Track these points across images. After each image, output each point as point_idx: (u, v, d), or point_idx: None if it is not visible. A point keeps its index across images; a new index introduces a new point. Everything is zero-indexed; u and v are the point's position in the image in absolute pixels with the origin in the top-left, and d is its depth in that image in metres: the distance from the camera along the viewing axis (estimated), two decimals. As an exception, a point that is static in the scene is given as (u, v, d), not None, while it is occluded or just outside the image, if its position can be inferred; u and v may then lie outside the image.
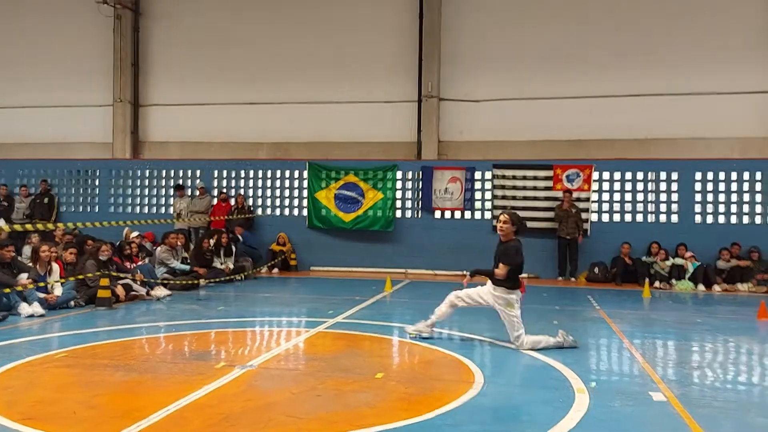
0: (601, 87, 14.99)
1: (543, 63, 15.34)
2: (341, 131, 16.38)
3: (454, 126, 15.94)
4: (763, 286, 12.50)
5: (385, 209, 15.33)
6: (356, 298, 10.43)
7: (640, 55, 14.84)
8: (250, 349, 6.67)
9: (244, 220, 15.16)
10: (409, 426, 4.15)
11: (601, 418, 4.40)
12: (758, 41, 14.43)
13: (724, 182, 13.95)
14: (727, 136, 14.43)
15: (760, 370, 6.26)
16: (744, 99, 14.40)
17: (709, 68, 14.49)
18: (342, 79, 16.40)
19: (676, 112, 14.59)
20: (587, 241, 14.10)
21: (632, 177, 14.38)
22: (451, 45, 15.86)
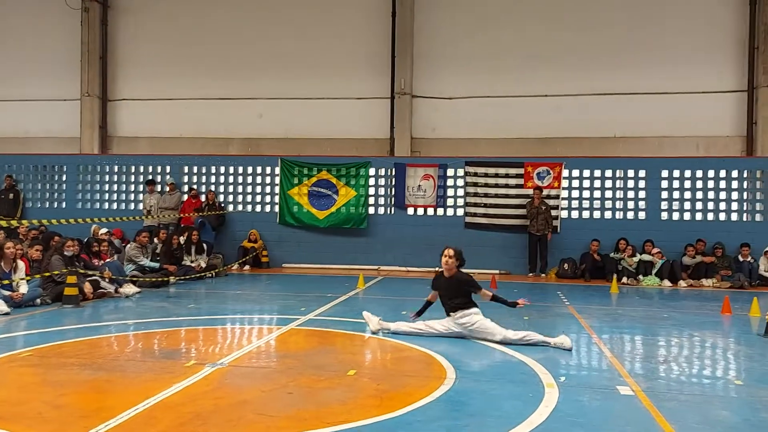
0: (570, 86, 15.21)
1: (514, 62, 15.50)
2: (314, 127, 16.34)
3: (426, 123, 16.01)
4: (726, 282, 12.80)
5: (358, 206, 15.33)
6: (328, 295, 10.41)
7: (608, 55, 15.08)
8: (220, 347, 6.61)
9: (214, 216, 15.02)
10: (381, 422, 4.16)
11: (570, 412, 4.46)
12: (723, 42, 14.77)
13: (689, 180, 14.26)
14: (692, 134, 14.76)
15: (723, 364, 6.42)
16: (709, 99, 14.74)
17: (675, 68, 14.80)
18: (314, 75, 16.35)
19: (643, 110, 14.87)
20: (557, 238, 14.29)
21: (601, 174, 14.62)
22: (424, 42, 15.92)
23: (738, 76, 14.71)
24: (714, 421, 4.38)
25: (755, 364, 6.28)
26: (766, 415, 4.52)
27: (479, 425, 4.14)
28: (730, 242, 13.42)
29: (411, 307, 9.50)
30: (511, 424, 4.12)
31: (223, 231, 15.48)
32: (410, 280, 13.38)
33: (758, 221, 13.99)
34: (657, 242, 13.50)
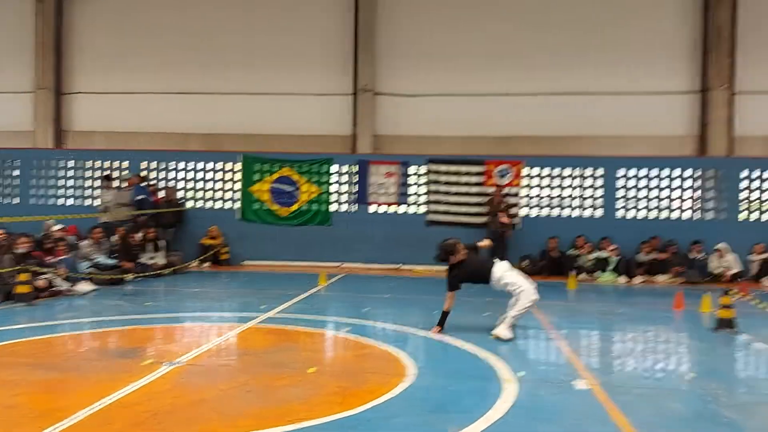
0: (531, 85, 15.39)
1: (477, 60, 15.62)
2: (276, 123, 16.18)
3: (389, 120, 16.03)
4: (679, 278, 13.16)
5: (321, 203, 15.27)
6: (289, 292, 10.34)
7: (567, 55, 15.32)
8: (178, 345, 6.51)
9: (174, 213, 14.78)
10: (341, 420, 4.16)
11: (527, 407, 4.54)
12: (678, 45, 15.16)
13: (644, 179, 14.60)
14: (647, 134, 15.11)
15: (676, 358, 6.61)
16: (663, 99, 15.12)
17: (632, 69, 15.12)
18: (277, 70, 16.20)
19: (600, 110, 15.16)
20: (517, 235, 14.47)
21: (560, 173, 14.86)
22: (387, 39, 15.92)
23: (692, 78, 15.11)
24: (666, 414, 4.51)
25: (705, 358, 6.49)
26: (715, 406, 4.68)
27: (439, 421, 4.18)
28: (683, 240, 13.80)
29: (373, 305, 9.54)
30: (471, 420, 4.17)
31: (181, 228, 15.23)
32: (372, 277, 13.39)
33: (709, 219, 14.41)
34: (613, 239, 13.79)
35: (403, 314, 8.67)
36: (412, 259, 14.72)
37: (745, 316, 8.29)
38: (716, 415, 4.47)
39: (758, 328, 7.83)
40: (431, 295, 10.53)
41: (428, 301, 9.86)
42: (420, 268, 14.48)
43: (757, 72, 14.74)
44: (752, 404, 4.79)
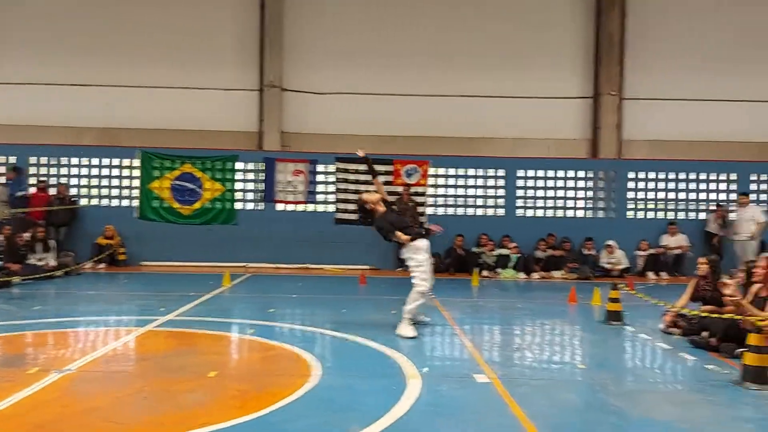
0: (437, 87, 15.70)
1: (386, 60, 15.74)
2: (177, 118, 15.61)
3: (297, 117, 15.86)
4: (573, 273, 13.85)
5: (225, 201, 14.89)
6: (191, 293, 10.00)
7: (473, 58, 15.76)
8: (70, 351, 6.14)
9: (65, 211, 13.96)
10: (242, 424, 4.06)
11: (431, 402, 4.62)
12: (573, 52, 15.93)
13: (542, 179, 15.28)
14: (544, 136, 15.82)
15: (570, 350, 6.95)
16: (559, 103, 15.87)
17: (531, 74, 15.75)
18: (179, 63, 15.63)
19: (502, 113, 15.70)
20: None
21: (464, 173, 15.29)
22: (295, 35, 15.74)
23: (585, 84, 15.94)
24: (560, 404, 4.73)
25: (596, 349, 6.86)
26: (603, 395, 4.95)
27: (343, 421, 4.17)
28: (577, 237, 14.55)
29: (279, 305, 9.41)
30: (374, 418, 4.19)
31: (74, 226, 14.40)
32: (280, 278, 13.22)
33: (600, 217, 15.30)
34: (513, 237, 14.33)
35: (310, 314, 8.62)
36: (321, 258, 14.67)
37: (632, 309, 8.84)
38: (604, 404, 4.73)
39: (643, 319, 8.35)
40: (340, 295, 10.55)
41: (336, 300, 9.86)
42: (330, 267, 14.46)
43: (643, 79, 15.75)
44: (638, 392, 5.10)
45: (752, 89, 15.66)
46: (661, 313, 7.79)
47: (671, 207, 15.27)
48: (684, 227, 14.75)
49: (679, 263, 14.37)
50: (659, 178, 15.26)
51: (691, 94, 15.70)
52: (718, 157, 15.36)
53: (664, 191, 15.29)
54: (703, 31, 15.72)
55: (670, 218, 15.07)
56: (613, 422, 4.34)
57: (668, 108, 15.73)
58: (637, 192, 15.29)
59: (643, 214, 15.30)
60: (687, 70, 15.68)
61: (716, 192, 15.24)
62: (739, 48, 15.64)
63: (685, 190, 15.27)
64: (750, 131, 15.70)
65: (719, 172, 15.24)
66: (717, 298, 7.05)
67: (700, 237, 14.72)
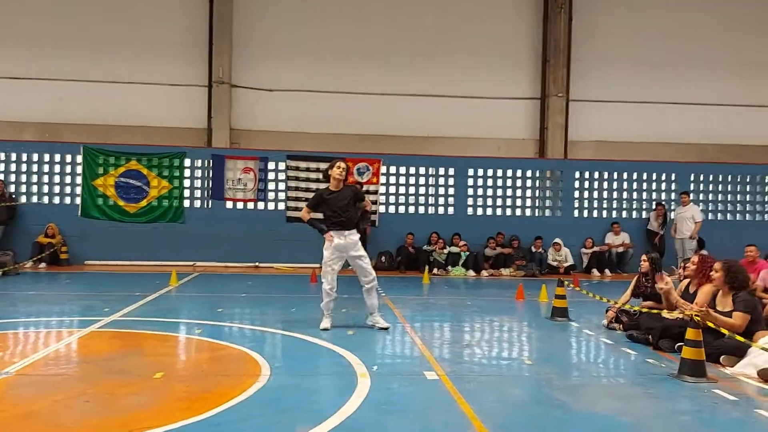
0: (388, 86, 15.77)
1: (337, 58, 15.71)
2: (122, 114, 15.23)
3: (247, 114, 15.66)
4: (521, 271, 14.12)
5: (172, 199, 14.57)
6: (136, 293, 9.76)
7: (423, 57, 15.87)
8: (8, 354, 5.90)
9: (4, 209, 13.43)
10: (188, 426, 3.98)
11: (380, 400, 4.63)
12: (522, 53, 16.23)
13: (491, 178, 15.52)
14: (494, 136, 16.07)
15: (518, 346, 7.08)
16: (508, 104, 16.15)
17: (480, 74, 15.98)
18: (124, 57, 15.23)
19: (452, 112, 15.88)
20: (375, 232, 14.76)
21: (415, 172, 15.39)
22: (245, 30, 15.54)
23: (533, 85, 16.27)
24: (507, 399, 4.82)
25: (543, 344, 7.01)
26: (548, 390, 5.07)
27: (291, 420, 4.14)
28: (525, 235, 14.83)
29: (228, 305, 9.28)
30: (324, 416, 4.18)
31: (13, 225, 13.86)
32: (229, 276, 13.04)
33: (548, 216, 15.64)
34: (463, 235, 14.50)
35: (260, 313, 8.54)
36: (272, 256, 14.54)
37: (577, 305, 9.08)
38: (550, 398, 4.84)
39: (588, 315, 8.59)
40: (290, 293, 10.48)
41: (287, 299, 9.79)
42: (280, 266, 14.33)
43: (589, 81, 16.18)
44: (581, 386, 5.24)
45: (693, 92, 16.25)
46: (604, 310, 8.02)
47: (615, 206, 15.72)
48: (627, 226, 15.23)
49: (622, 261, 14.85)
50: (604, 177, 15.70)
51: (635, 96, 16.21)
52: (660, 157, 15.91)
53: (608, 191, 15.73)
54: (646, 35, 16.23)
55: (615, 217, 15.53)
56: (558, 416, 4.44)
57: (613, 109, 16.21)
58: (582, 191, 15.69)
59: (588, 213, 15.71)
60: (631, 72, 16.17)
61: (658, 192, 15.77)
62: (681, 52, 16.22)
63: (628, 190, 15.76)
64: (690, 133, 16.30)
65: (660, 172, 15.77)
66: (657, 294, 7.30)
67: (642, 235, 15.21)
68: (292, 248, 14.44)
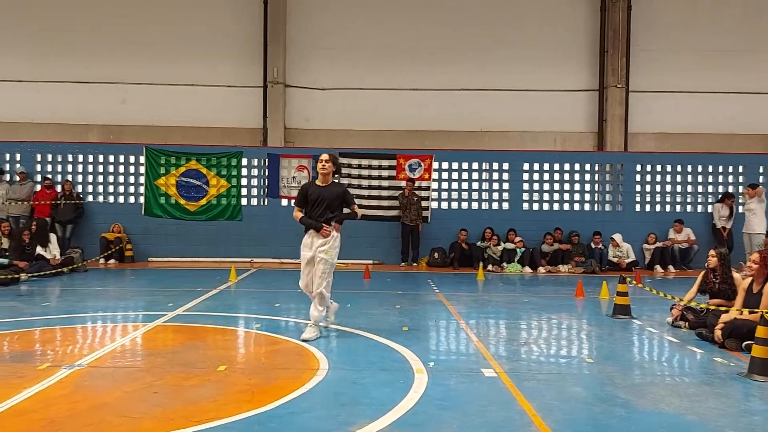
0: (441, 80, 15.70)
1: (388, 55, 15.75)
2: (182, 115, 15.67)
3: (300, 113, 15.87)
4: (580, 267, 13.83)
5: (230, 197, 14.91)
6: (198, 289, 10.06)
7: (475, 51, 15.73)
8: (79, 347, 6.18)
9: (71, 207, 14.02)
10: (251, 417, 4.08)
11: (438, 396, 4.62)
12: (578, 45, 15.90)
13: (548, 172, 15.23)
14: (550, 129, 15.80)
15: (577, 344, 6.94)
16: (565, 96, 15.84)
17: (536, 67, 15.73)
18: (183, 60, 15.68)
19: (506, 106, 15.68)
20: (428, 228, 14.73)
21: (468, 167, 15.24)
22: (298, 31, 15.75)
23: (591, 77, 15.90)
24: (568, 397, 4.73)
25: (604, 342, 6.85)
26: (611, 388, 4.95)
27: (351, 414, 4.18)
28: (584, 230, 14.51)
29: (284, 300, 9.44)
30: (382, 411, 4.21)
31: (81, 223, 14.45)
32: (284, 272, 13.25)
33: (607, 211, 15.24)
34: (519, 231, 14.30)
35: (315, 308, 8.60)
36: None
37: (639, 303, 8.84)
38: (612, 397, 4.73)
39: (651, 313, 8.36)
40: (345, 289, 10.54)
41: (341, 295, 9.85)
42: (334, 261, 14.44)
43: (649, 71, 15.70)
44: (645, 385, 5.10)
45: (758, 81, 15.58)
46: (669, 307, 7.78)
47: (679, 200, 15.20)
48: (691, 220, 14.71)
49: (687, 256, 14.35)
50: (666, 170, 15.19)
51: (697, 86, 15.66)
52: (726, 149, 15.31)
53: (671, 184, 15.21)
54: (708, 23, 15.65)
55: (678, 211, 15.03)
56: (621, 415, 4.34)
57: (674, 100, 15.69)
58: (644, 185, 15.23)
59: (651, 207, 15.24)
60: (693, 61, 15.64)
61: (724, 185, 15.16)
62: (745, 39, 15.58)
63: (692, 183, 15.20)
64: (758, 123, 15.64)
65: (727, 164, 15.16)
66: (725, 291, 7.03)
67: (707, 229, 14.67)
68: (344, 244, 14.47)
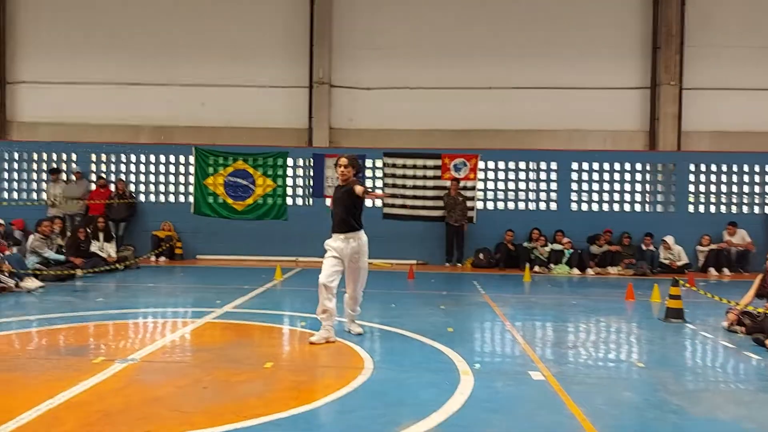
0: (486, 79, 15.55)
1: (432, 53, 15.68)
2: (229, 116, 15.94)
3: (345, 113, 15.95)
4: (630, 269, 13.50)
5: (276, 197, 15.10)
6: (245, 287, 10.22)
7: (522, 49, 15.52)
8: (131, 342, 6.35)
9: (124, 206, 14.44)
10: (298, 414, 4.12)
11: (484, 398, 4.58)
12: (629, 41, 15.52)
13: (597, 172, 14.91)
14: (600, 128, 15.47)
15: (627, 348, 6.77)
16: (615, 94, 15.48)
17: (585, 64, 15.42)
18: (230, 61, 15.94)
19: (554, 104, 15.42)
20: (473, 228, 14.62)
21: (515, 166, 15.05)
22: (343, 31, 15.83)
23: (642, 74, 15.50)
24: (618, 402, 4.62)
25: (655, 347, 6.66)
26: (664, 394, 4.81)
27: (396, 414, 4.17)
28: (634, 232, 14.15)
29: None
30: (428, 412, 4.18)
31: (133, 222, 14.87)
32: (329, 271, 13.30)
33: (659, 212, 14.84)
34: (567, 232, 14.04)
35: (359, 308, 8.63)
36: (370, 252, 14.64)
37: (693, 306, 8.57)
38: (665, 403, 4.60)
39: (705, 317, 8.10)
40: (389, 289, 10.56)
41: (385, 294, 9.87)
42: (378, 262, 14.48)
43: (704, 68, 15.22)
44: (698, 391, 4.95)
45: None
46: (724, 311, 7.53)
47: (735, 200, 14.69)
48: (748, 221, 14.21)
49: (743, 259, 13.84)
50: (722, 170, 14.70)
51: (755, 83, 15.11)
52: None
53: (726, 184, 14.71)
54: (766, 17, 15.06)
55: (735, 213, 14.54)
56: (674, 421, 4.21)
57: (730, 98, 15.16)
58: (698, 185, 14.76)
59: (704, 208, 14.77)
60: (750, 57, 15.09)
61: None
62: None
63: (748, 183, 14.67)
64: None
65: (785, 164, 14.59)
66: (784, 295, 6.76)
67: (764, 231, 14.14)
68: (389, 244, 14.52)
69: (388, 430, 3.89)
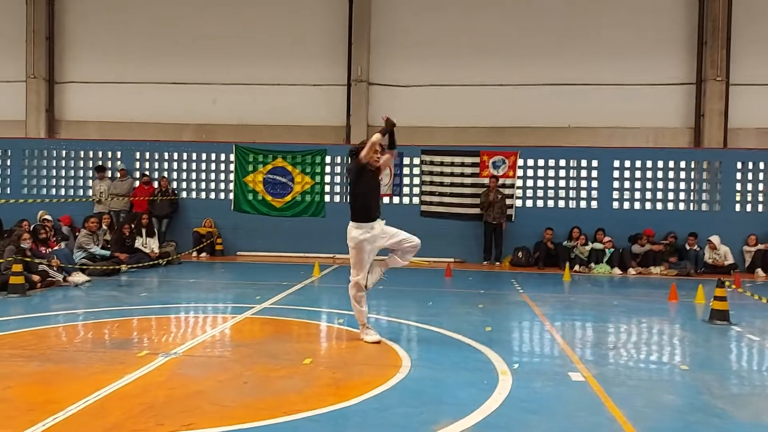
0: (525, 75, 15.38)
1: (470, 50, 15.58)
2: (269, 114, 16.13)
3: (382, 110, 15.85)
4: (673, 270, 13.20)
5: (314, 195, 15.23)
6: (284, 283, 10.34)
7: (561, 45, 15.30)
8: (174, 336, 6.50)
9: (167, 203, 14.76)
10: (337, 411, 4.16)
11: (523, 398, 4.54)
12: (673, 36, 15.16)
13: (639, 170, 14.61)
14: (642, 125, 15.14)
15: (669, 349, 6.63)
16: (658, 90, 15.13)
17: (627, 60, 15.11)
18: (270, 60, 16.12)
19: (595, 101, 15.15)
20: (511, 227, 14.49)
21: (555, 164, 14.85)
22: (381, 29, 15.86)
23: (687, 69, 15.11)
24: (660, 405, 4.53)
25: (699, 349, 6.51)
26: (708, 397, 4.70)
27: (434, 413, 4.18)
28: (678, 231, 13.81)
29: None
30: (466, 412, 4.18)
31: (176, 218, 15.18)
32: (367, 268, 13.37)
33: (704, 211, 14.46)
34: (607, 231, 13.80)
35: (396, 306, 8.67)
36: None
37: (739, 308, 8.34)
38: (708, 406, 4.49)
39: (751, 319, 7.88)
40: (426, 287, 10.56)
41: (422, 292, 9.88)
42: (416, 260, 14.47)
43: (751, 64, 14.77)
44: (744, 395, 4.82)
45: None
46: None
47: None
48: (796, 221, 13.74)
49: (792, 260, 13.40)
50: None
51: (806, 78, 14.58)
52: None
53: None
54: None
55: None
56: (718, 425, 4.11)
57: (779, 93, 14.67)
58: (745, 183, 14.34)
59: (752, 207, 14.34)
60: (802, 52, 14.56)
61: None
62: None
63: (798, 182, 14.19)
64: None
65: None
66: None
67: (815, 232, 13.67)
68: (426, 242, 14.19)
69: (425, 429, 3.89)
